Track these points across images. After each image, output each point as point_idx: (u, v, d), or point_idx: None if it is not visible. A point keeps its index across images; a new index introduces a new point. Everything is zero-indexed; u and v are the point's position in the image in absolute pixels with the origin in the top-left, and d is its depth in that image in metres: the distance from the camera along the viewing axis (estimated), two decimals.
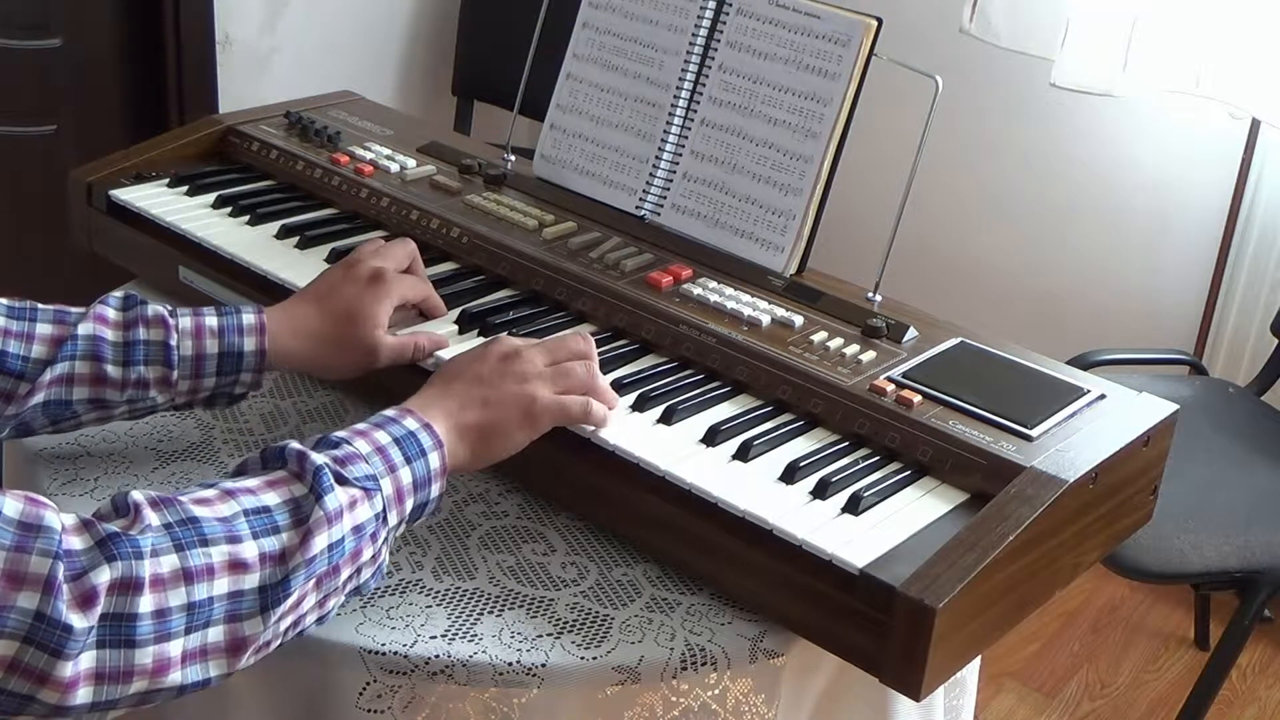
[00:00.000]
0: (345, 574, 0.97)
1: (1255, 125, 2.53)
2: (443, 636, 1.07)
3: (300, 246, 1.46)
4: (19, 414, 1.12)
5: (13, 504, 0.84)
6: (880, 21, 1.37)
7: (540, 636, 1.08)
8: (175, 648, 0.88)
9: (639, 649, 1.07)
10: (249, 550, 0.91)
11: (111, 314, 1.15)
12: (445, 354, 1.27)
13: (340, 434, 1.01)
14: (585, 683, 1.05)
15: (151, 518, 0.89)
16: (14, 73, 2.51)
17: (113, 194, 1.55)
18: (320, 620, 0.98)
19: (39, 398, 1.12)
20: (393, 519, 1.00)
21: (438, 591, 1.12)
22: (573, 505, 1.23)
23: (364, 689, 1.04)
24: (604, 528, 1.21)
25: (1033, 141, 2.85)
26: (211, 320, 1.17)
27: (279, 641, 0.95)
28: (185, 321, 1.16)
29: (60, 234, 1.72)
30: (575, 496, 1.21)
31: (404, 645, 1.05)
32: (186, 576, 0.88)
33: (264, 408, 1.35)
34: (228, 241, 1.45)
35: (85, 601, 0.83)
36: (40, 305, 1.14)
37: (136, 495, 0.91)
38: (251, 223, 1.50)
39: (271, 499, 0.94)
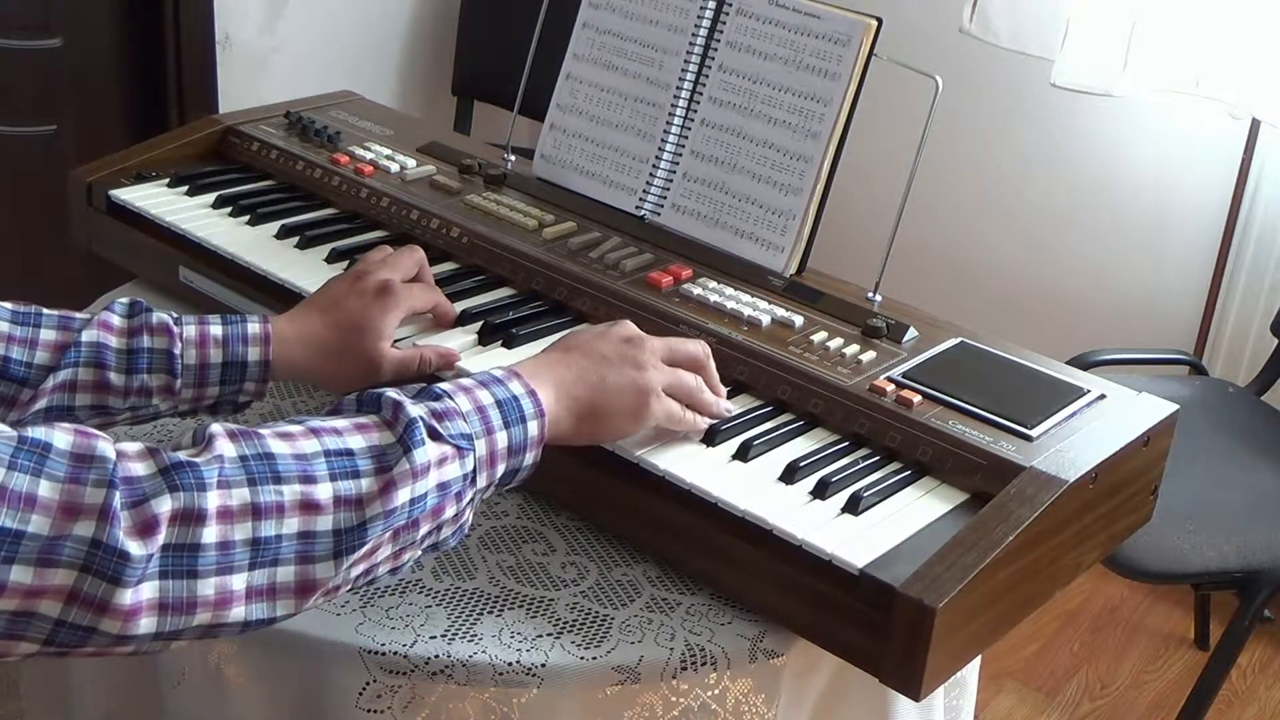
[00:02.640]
0: (425, 529, 0.96)
1: (1255, 125, 2.53)
2: (443, 636, 1.07)
3: (300, 246, 1.46)
4: (21, 420, 1.12)
5: (63, 436, 0.84)
6: (880, 21, 1.37)
7: (540, 636, 1.08)
8: (239, 581, 0.87)
9: (639, 649, 1.07)
10: (323, 491, 0.90)
11: (116, 321, 1.15)
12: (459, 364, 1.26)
13: (444, 386, 1.00)
14: (585, 683, 1.05)
15: (227, 448, 0.88)
16: (14, 73, 2.51)
17: (113, 194, 1.55)
18: (394, 572, 0.97)
19: (41, 404, 1.12)
20: (482, 481, 0.99)
21: (438, 591, 1.12)
22: (572, 505, 1.23)
23: (364, 689, 1.04)
24: (604, 528, 1.21)
25: (1033, 141, 2.85)
26: (216, 329, 1.17)
27: (348, 587, 0.94)
28: (190, 330, 1.16)
29: (60, 234, 1.72)
30: (575, 496, 1.21)
31: (404, 645, 1.05)
32: (255, 512, 0.87)
33: (264, 408, 1.35)
34: (228, 241, 1.45)
35: (145, 529, 0.83)
36: (45, 310, 1.14)
37: (215, 426, 0.90)
38: (251, 223, 1.50)
39: (357, 442, 0.93)
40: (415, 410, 0.95)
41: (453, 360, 1.25)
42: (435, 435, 0.95)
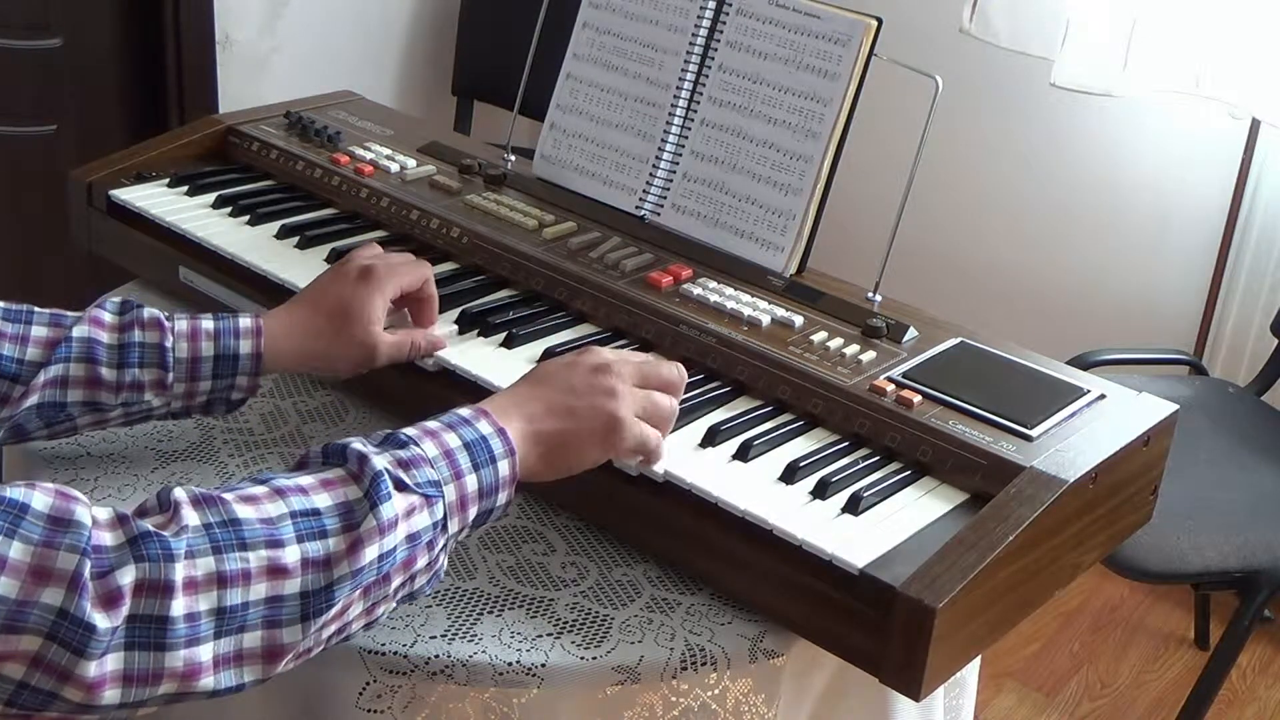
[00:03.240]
0: (397, 582, 0.94)
1: (1255, 125, 2.53)
2: (443, 636, 1.07)
3: (300, 246, 1.46)
4: (13, 416, 1.12)
5: (43, 498, 0.83)
6: (880, 21, 1.37)
7: (540, 636, 1.08)
8: (206, 652, 0.86)
9: (639, 649, 1.07)
10: (290, 555, 0.88)
11: (107, 317, 1.15)
12: (443, 355, 1.27)
13: (409, 432, 0.98)
14: (585, 683, 1.05)
15: (191, 517, 0.87)
16: (14, 73, 2.51)
17: (113, 194, 1.55)
18: (369, 626, 0.96)
19: (33, 400, 1.11)
20: (453, 526, 0.97)
21: (438, 591, 1.12)
22: (573, 505, 1.23)
23: (364, 689, 1.04)
24: (604, 528, 1.21)
25: (1033, 141, 2.85)
26: (208, 324, 1.17)
27: (321, 648, 0.93)
28: (181, 324, 1.16)
29: (60, 234, 1.72)
30: (575, 496, 1.21)
31: (404, 645, 1.05)
32: (221, 580, 0.86)
33: (264, 408, 1.35)
34: (228, 241, 1.45)
35: (109, 601, 0.82)
36: (36, 308, 1.14)
37: (179, 493, 0.89)
38: (251, 223, 1.50)
39: (323, 500, 0.91)
40: (380, 462, 0.93)
41: (441, 347, 1.26)
42: (402, 486, 0.93)
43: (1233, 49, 2.36)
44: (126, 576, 0.83)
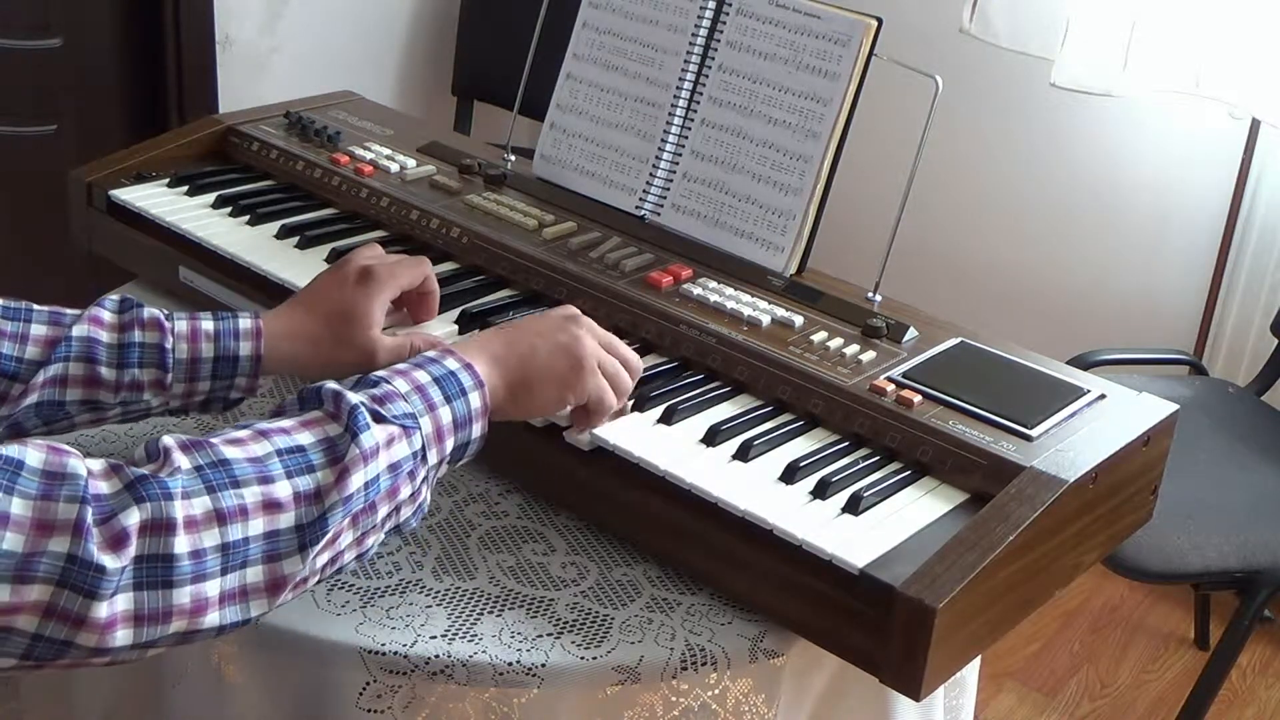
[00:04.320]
0: (383, 511, 0.97)
1: (1255, 125, 2.53)
2: (443, 636, 1.07)
3: (300, 246, 1.46)
4: (12, 415, 1.12)
5: (35, 454, 0.85)
6: (880, 21, 1.37)
7: (540, 636, 1.08)
8: (213, 588, 0.88)
9: (639, 649, 1.07)
10: (283, 490, 0.91)
11: (107, 316, 1.15)
12: None
13: (379, 373, 1.02)
14: (585, 683, 1.05)
15: (181, 460, 0.89)
16: (14, 73, 2.51)
17: (113, 194, 1.55)
18: (360, 557, 0.98)
19: (32, 399, 1.12)
20: (432, 457, 1.01)
21: (438, 591, 1.12)
22: (573, 505, 1.23)
23: (364, 689, 1.04)
24: (604, 528, 1.21)
25: (1033, 141, 2.85)
26: (208, 324, 1.17)
27: (317, 579, 0.95)
28: (181, 325, 1.16)
29: (60, 234, 1.72)
30: (575, 496, 1.21)
31: (404, 645, 1.05)
32: (219, 518, 0.88)
33: (264, 408, 1.35)
34: (228, 241, 1.45)
35: (116, 543, 0.84)
36: (36, 306, 1.14)
37: (167, 439, 0.91)
38: (251, 223, 1.50)
39: (306, 438, 0.94)
40: (356, 398, 0.97)
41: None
42: (379, 418, 0.97)
43: (1233, 49, 2.36)
44: (131, 518, 0.85)
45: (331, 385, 0.98)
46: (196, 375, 1.16)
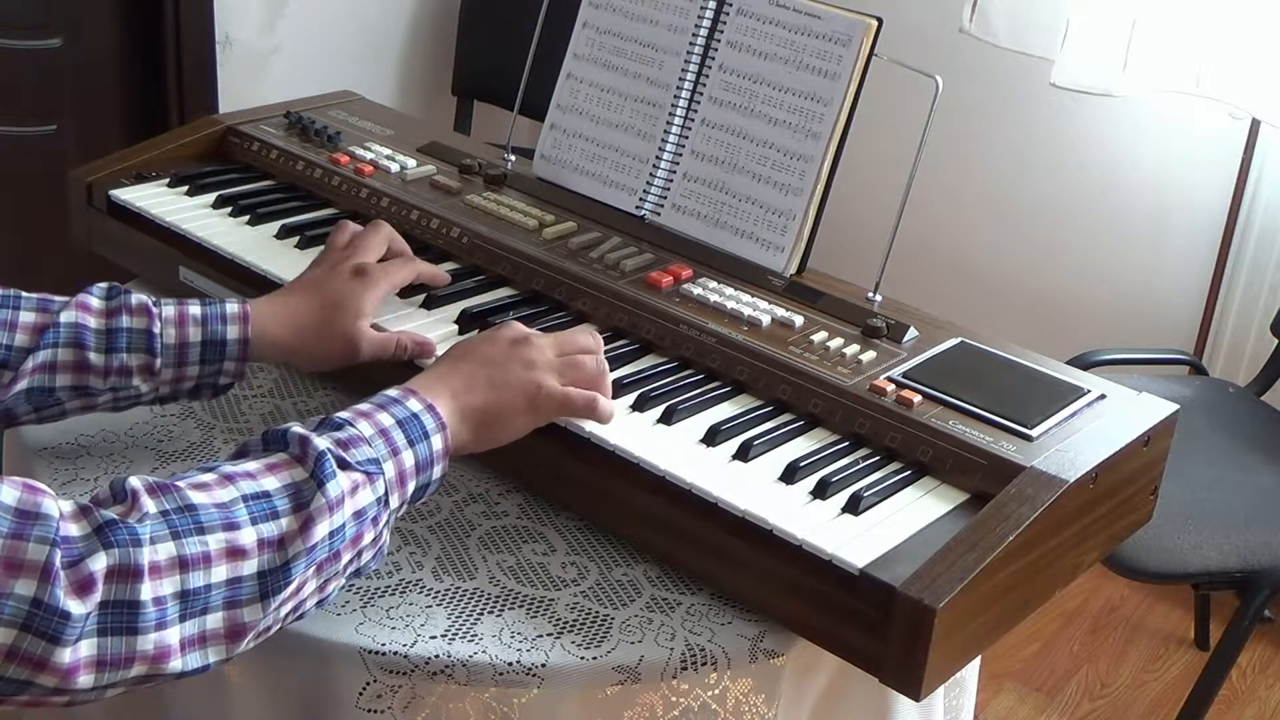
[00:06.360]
0: (346, 558, 0.97)
1: (1255, 125, 2.53)
2: (443, 636, 1.07)
3: (300, 246, 1.46)
4: (2, 402, 1.13)
5: (10, 491, 0.84)
6: (880, 21, 1.37)
7: (540, 636, 1.08)
8: (174, 635, 0.88)
9: (639, 649, 1.07)
10: (247, 536, 0.91)
11: (94, 302, 1.16)
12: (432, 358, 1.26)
13: (343, 415, 1.01)
14: (585, 683, 1.05)
15: (149, 504, 0.89)
16: (14, 73, 2.51)
17: (113, 194, 1.55)
18: (321, 603, 0.98)
19: (22, 385, 1.12)
20: (394, 502, 1.01)
21: (438, 591, 1.12)
22: (573, 505, 1.23)
23: (364, 689, 1.04)
24: (604, 528, 1.21)
25: (1033, 141, 2.85)
26: (195, 309, 1.18)
27: (279, 626, 0.96)
28: (168, 310, 1.17)
29: (60, 234, 1.72)
30: (575, 496, 1.21)
31: (404, 645, 1.05)
32: (182, 564, 0.88)
33: (264, 408, 1.35)
34: (228, 241, 1.46)
35: (82, 588, 0.84)
36: (24, 293, 1.15)
37: (134, 481, 0.91)
38: (251, 223, 1.50)
39: (271, 484, 0.94)
40: (322, 443, 0.96)
41: (430, 351, 1.25)
42: (344, 465, 0.96)
43: (1233, 49, 2.36)
44: (98, 563, 0.84)
45: (297, 429, 0.97)
46: (185, 360, 1.17)
